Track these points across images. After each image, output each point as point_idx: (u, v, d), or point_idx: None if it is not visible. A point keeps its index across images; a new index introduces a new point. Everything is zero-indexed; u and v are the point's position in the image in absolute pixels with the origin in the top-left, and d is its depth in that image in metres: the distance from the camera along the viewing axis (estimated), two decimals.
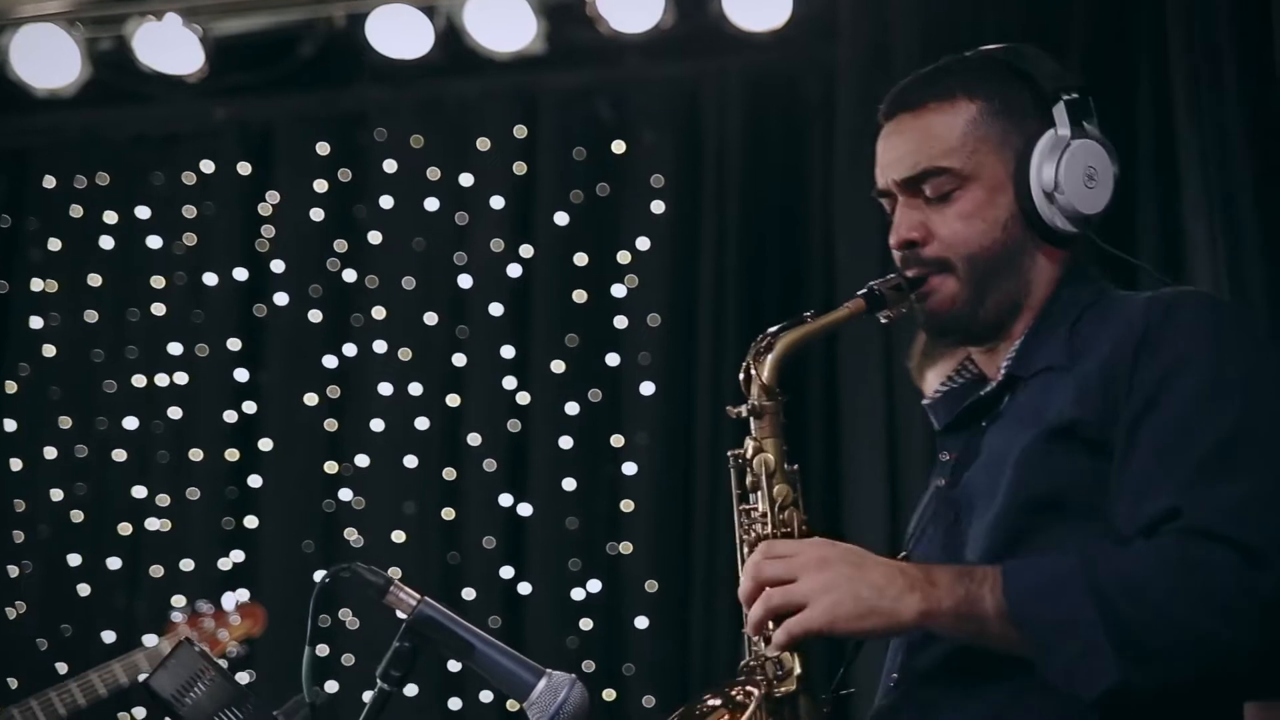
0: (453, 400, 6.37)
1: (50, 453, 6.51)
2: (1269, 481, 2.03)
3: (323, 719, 2.73)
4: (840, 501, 5.42)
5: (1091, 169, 2.29)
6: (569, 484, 6.20)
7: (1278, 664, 2.02)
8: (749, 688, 2.21)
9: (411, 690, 5.74)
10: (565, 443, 6.22)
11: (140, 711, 5.97)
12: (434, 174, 6.49)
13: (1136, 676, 1.98)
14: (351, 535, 6.32)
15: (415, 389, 6.38)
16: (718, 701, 2.23)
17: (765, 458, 2.29)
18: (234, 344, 6.51)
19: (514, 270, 6.39)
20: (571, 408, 6.24)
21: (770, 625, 2.16)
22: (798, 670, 2.18)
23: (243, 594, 6.06)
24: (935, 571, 2.11)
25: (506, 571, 6.13)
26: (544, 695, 2.20)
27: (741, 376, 2.32)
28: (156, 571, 6.37)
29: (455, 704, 6.04)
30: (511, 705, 4.65)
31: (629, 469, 6.16)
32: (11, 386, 6.58)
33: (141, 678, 4.53)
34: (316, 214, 6.54)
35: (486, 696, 5.95)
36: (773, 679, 2.19)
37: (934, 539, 2.27)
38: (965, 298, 2.31)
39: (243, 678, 5.42)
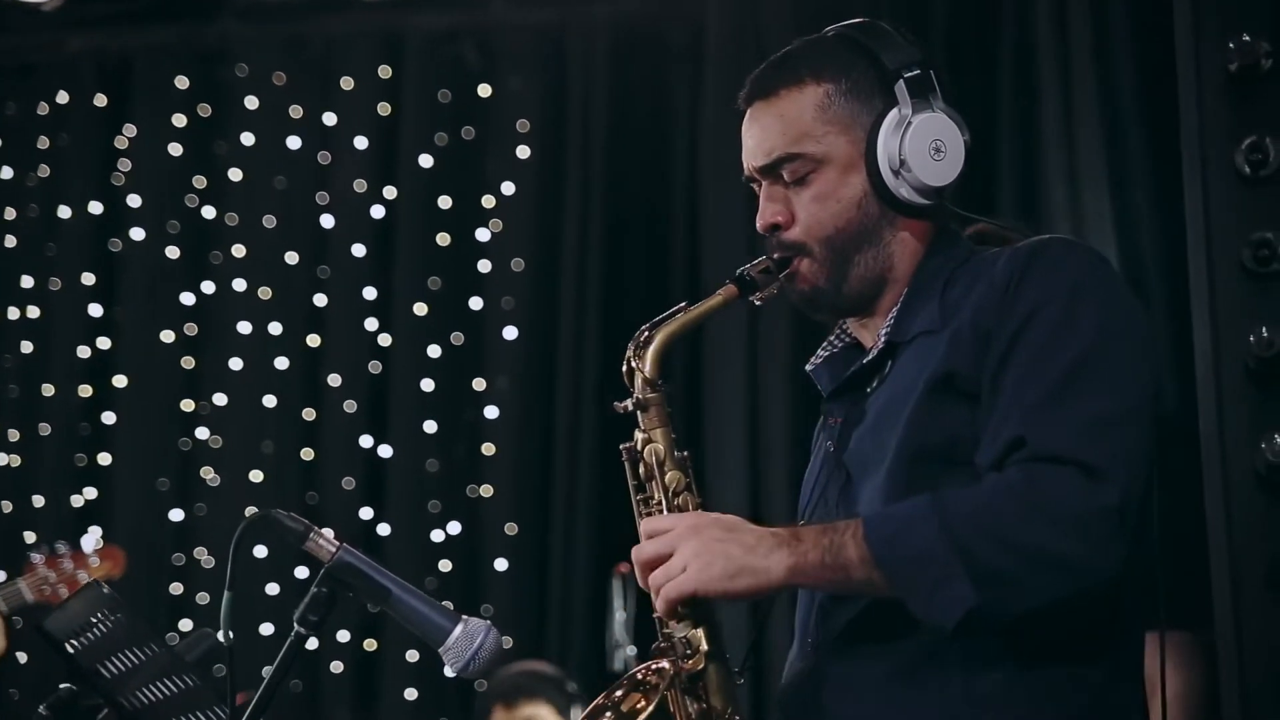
0: (313, 340, 6.35)
1: None
2: (1110, 404, 2.13)
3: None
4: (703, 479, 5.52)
5: (938, 142, 2.36)
6: (430, 426, 6.22)
7: (1136, 579, 2.14)
8: (658, 668, 2.27)
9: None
10: (427, 385, 6.24)
11: None
12: (296, 112, 6.43)
13: (993, 601, 2.07)
14: (208, 474, 6.28)
15: (275, 328, 6.35)
16: (628, 688, 2.28)
17: (655, 448, 2.34)
18: (88, 279, 6.42)
19: (377, 211, 6.37)
20: (433, 350, 6.26)
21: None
22: (704, 646, 2.25)
23: (95, 530, 6.05)
24: (801, 530, 2.21)
25: (366, 512, 6.15)
26: (460, 641, 2.24)
27: (624, 369, 2.36)
28: (6, 507, 6.28)
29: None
30: None
31: (490, 413, 6.20)
32: None
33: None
34: (175, 149, 6.46)
35: None
36: (682, 657, 2.25)
37: (830, 501, 2.34)
38: (826, 276, 2.38)
39: None
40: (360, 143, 6.38)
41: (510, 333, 6.22)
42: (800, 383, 5.06)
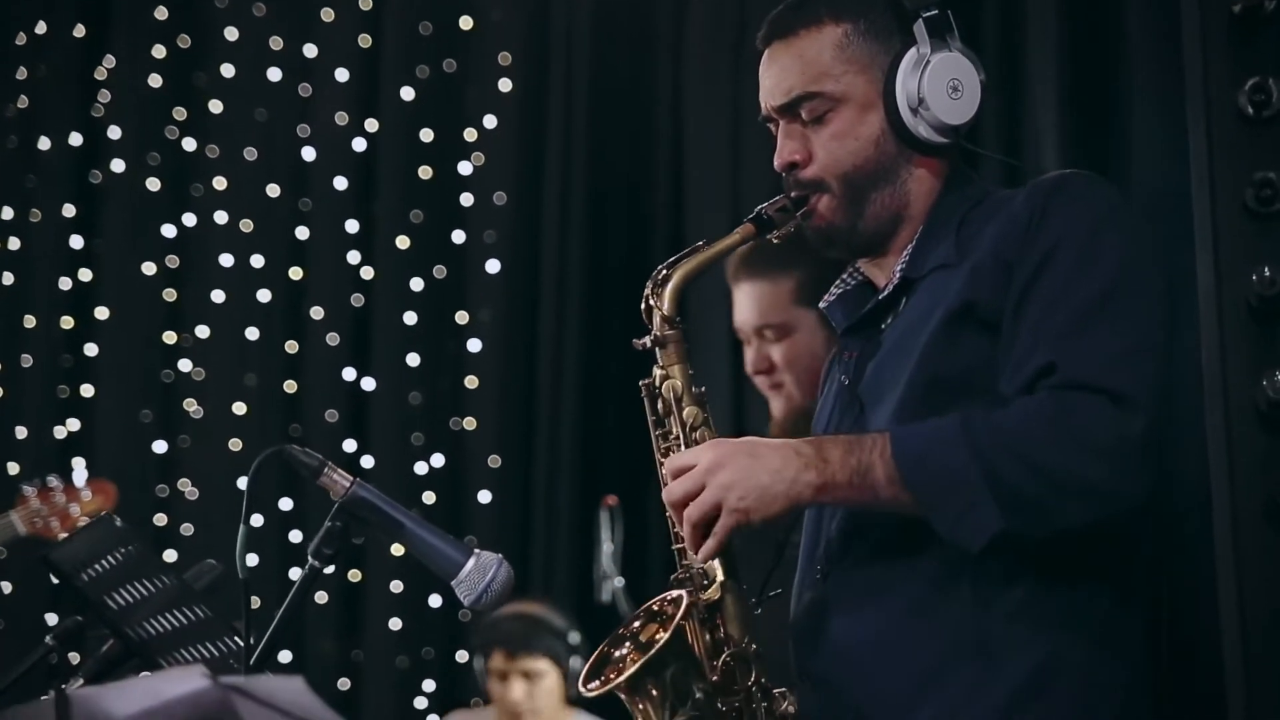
0: (295, 273, 6.34)
1: None
2: (1138, 334, 2.18)
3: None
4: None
5: (955, 81, 2.40)
6: (413, 359, 6.24)
7: (1162, 508, 2.20)
8: (674, 599, 2.31)
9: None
10: (410, 318, 6.25)
11: None
12: (277, 44, 6.40)
13: (1018, 524, 2.12)
14: (191, 406, 6.29)
15: (257, 261, 6.34)
16: (645, 619, 2.33)
17: (673, 384, 2.38)
18: (69, 210, 6.38)
19: (359, 144, 6.36)
20: (416, 283, 6.27)
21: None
22: (721, 577, 2.29)
23: (79, 462, 6.06)
24: (827, 446, 2.23)
25: (349, 445, 6.16)
26: (472, 574, 2.28)
27: (643, 308, 2.40)
28: None
29: None
30: None
31: (473, 345, 6.22)
32: None
33: None
34: (155, 80, 6.41)
35: None
36: (699, 588, 2.29)
37: (843, 432, 2.38)
38: (843, 213, 2.42)
39: None
40: (341, 75, 6.35)
41: (493, 266, 6.23)
42: None
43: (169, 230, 6.38)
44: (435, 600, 6.06)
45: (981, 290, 2.26)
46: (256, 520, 6.07)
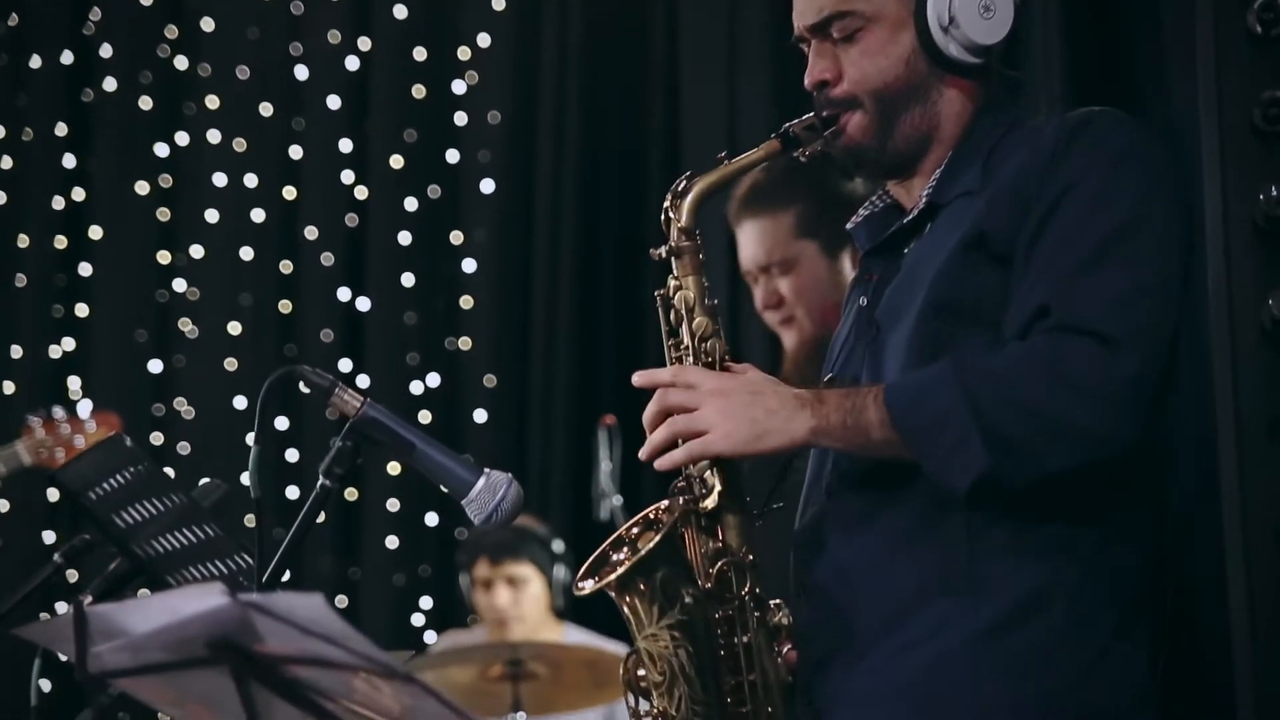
0: (289, 193, 6.33)
1: None
2: (1139, 277, 2.17)
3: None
4: None
5: (987, 0, 2.39)
6: (408, 279, 6.24)
7: (1152, 453, 2.20)
8: (669, 506, 2.32)
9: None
10: (404, 238, 6.24)
11: None
12: None
13: (1006, 466, 2.13)
14: (186, 326, 6.29)
15: (250, 180, 6.32)
16: (643, 526, 2.34)
17: (685, 295, 2.37)
18: (61, 129, 6.35)
19: (352, 63, 6.33)
20: (410, 203, 6.26)
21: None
22: (719, 487, 2.30)
23: (74, 381, 6.07)
24: (825, 392, 2.27)
25: (345, 365, 6.17)
26: (483, 493, 2.28)
27: (661, 219, 2.39)
28: None
29: None
30: None
31: (468, 265, 6.22)
32: None
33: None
34: None
35: None
36: (698, 496, 2.31)
37: (858, 355, 2.39)
38: (874, 132, 2.41)
39: None
40: None
41: (487, 186, 6.22)
42: None
43: (162, 149, 6.35)
44: (432, 519, 6.09)
45: (995, 222, 2.25)
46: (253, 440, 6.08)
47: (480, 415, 6.10)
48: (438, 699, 1.67)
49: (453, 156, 6.25)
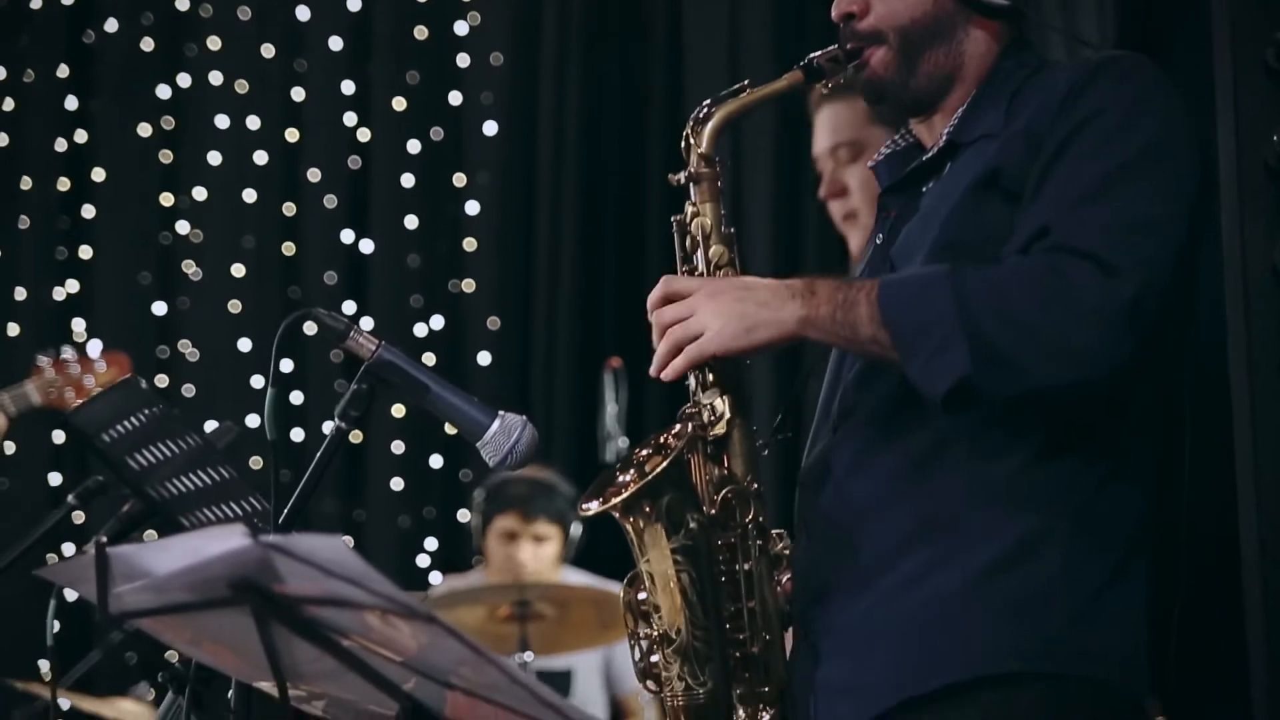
0: (291, 135, 6.32)
1: None
2: (1145, 212, 2.16)
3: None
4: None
5: None
6: (411, 221, 6.23)
7: (1139, 379, 2.21)
8: (679, 431, 2.33)
9: None
10: (407, 180, 6.24)
11: None
12: None
13: (988, 375, 2.11)
14: (190, 268, 6.29)
15: (253, 122, 6.31)
16: (652, 450, 2.35)
17: (702, 221, 2.37)
18: (63, 71, 6.33)
19: (353, 4, 6.31)
20: (413, 145, 6.25)
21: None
22: (728, 414, 2.31)
23: (79, 324, 6.06)
24: (818, 283, 2.25)
25: (348, 307, 6.18)
26: (498, 435, 2.28)
27: (682, 145, 2.39)
28: None
29: None
30: None
31: (471, 208, 6.21)
32: None
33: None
34: None
35: None
36: (706, 423, 2.31)
37: None
38: (897, 66, 2.40)
39: None
40: None
41: (490, 128, 6.21)
42: None
43: (163, 91, 6.34)
44: (436, 461, 6.11)
45: (1008, 160, 2.25)
46: (257, 382, 6.10)
47: (484, 357, 6.12)
48: (459, 639, 1.69)
49: (455, 98, 6.24)
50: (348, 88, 6.28)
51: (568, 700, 1.77)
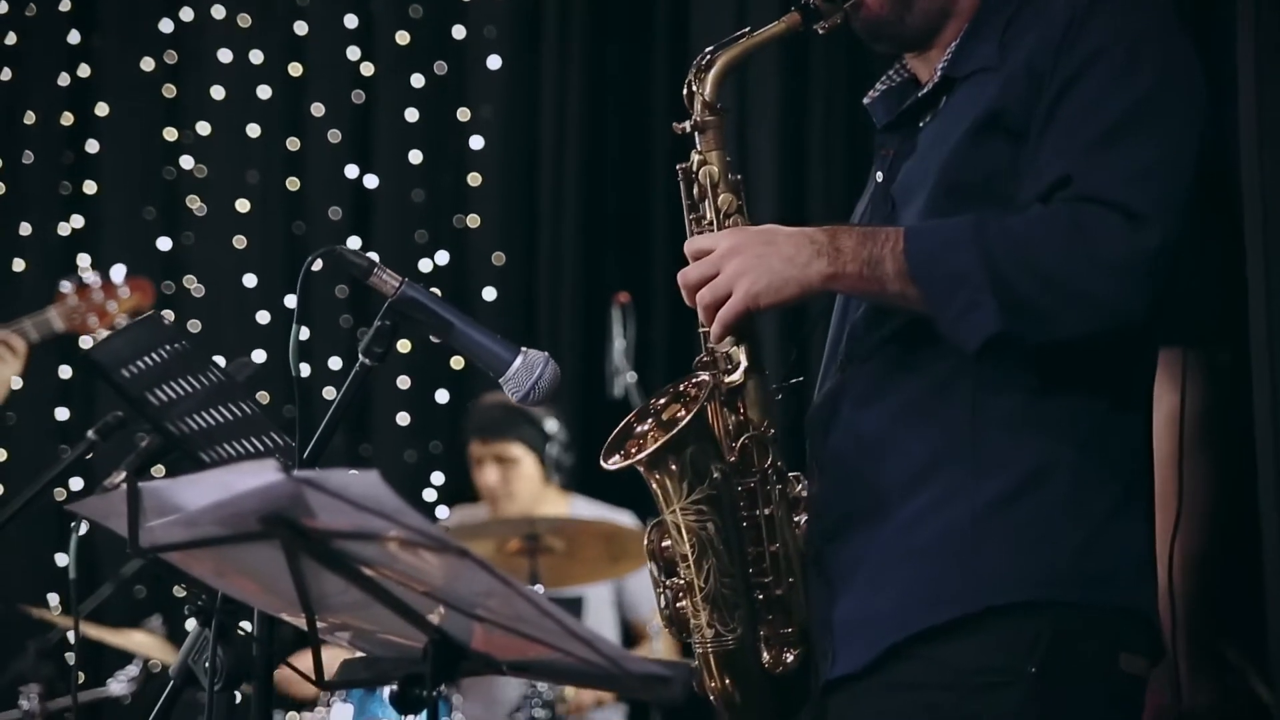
0: (295, 69, 6.30)
1: None
2: (1162, 152, 2.18)
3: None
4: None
5: None
6: (415, 156, 6.24)
7: (1161, 324, 2.23)
8: (698, 381, 2.35)
9: None
10: (411, 115, 6.23)
11: None
12: None
13: (1018, 328, 2.15)
14: (194, 203, 6.29)
15: (256, 56, 6.30)
16: (670, 398, 2.37)
17: (710, 169, 2.38)
18: (65, 4, 6.31)
19: None
20: (417, 80, 6.23)
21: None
22: (744, 362, 2.33)
23: (84, 259, 6.07)
24: (841, 236, 2.25)
25: (353, 242, 6.18)
26: (520, 371, 2.30)
27: (685, 93, 2.39)
28: None
29: None
30: None
31: (475, 143, 6.21)
32: None
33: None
34: None
35: None
36: (723, 371, 2.34)
37: None
38: (891, 6, 2.41)
39: None
40: None
41: (494, 62, 6.20)
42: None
43: (166, 25, 6.32)
44: (443, 395, 6.14)
45: (1010, 99, 2.26)
46: (263, 317, 6.12)
47: (489, 293, 6.13)
48: (490, 571, 1.71)
49: (459, 32, 6.23)
50: (350, 21, 6.27)
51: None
